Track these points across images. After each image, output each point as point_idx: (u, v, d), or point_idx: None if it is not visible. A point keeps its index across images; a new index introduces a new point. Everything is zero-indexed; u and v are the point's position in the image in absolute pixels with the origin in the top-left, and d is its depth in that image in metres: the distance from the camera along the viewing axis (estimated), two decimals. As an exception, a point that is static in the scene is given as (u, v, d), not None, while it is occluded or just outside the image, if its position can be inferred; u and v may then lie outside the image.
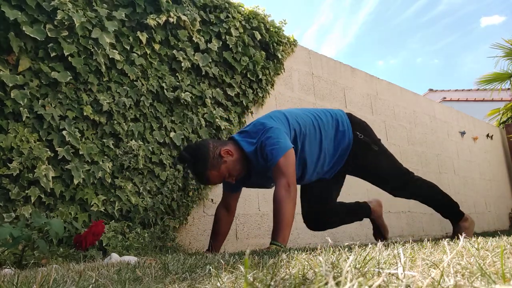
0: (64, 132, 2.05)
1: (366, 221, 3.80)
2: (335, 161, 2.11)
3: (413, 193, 2.29)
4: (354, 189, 3.80)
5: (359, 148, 2.11)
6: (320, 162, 2.06)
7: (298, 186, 2.14)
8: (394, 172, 2.23)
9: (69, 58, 2.10)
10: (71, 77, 2.11)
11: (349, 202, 2.41)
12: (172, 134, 2.51)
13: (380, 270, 0.55)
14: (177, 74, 2.64)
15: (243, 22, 3.07)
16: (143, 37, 2.44)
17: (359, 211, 2.41)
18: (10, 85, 1.91)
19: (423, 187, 2.28)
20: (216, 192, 2.73)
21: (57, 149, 2.02)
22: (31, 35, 1.97)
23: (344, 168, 2.17)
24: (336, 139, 2.08)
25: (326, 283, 0.44)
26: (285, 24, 3.41)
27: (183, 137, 2.55)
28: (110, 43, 2.28)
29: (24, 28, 1.95)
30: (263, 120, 1.97)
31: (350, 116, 2.19)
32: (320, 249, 1.06)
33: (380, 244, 0.98)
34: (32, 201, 1.89)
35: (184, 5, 2.68)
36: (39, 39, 2.00)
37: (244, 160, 1.92)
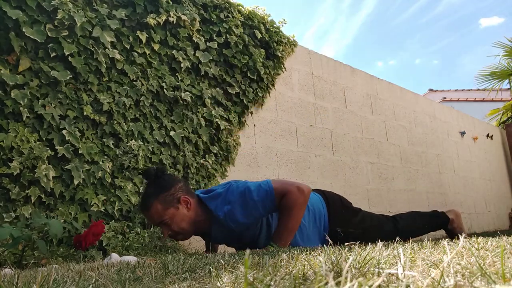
0: (64, 132, 2.05)
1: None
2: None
3: (403, 234, 2.29)
4: (354, 189, 3.81)
5: (343, 240, 1.96)
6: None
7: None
8: (385, 237, 2.16)
9: (69, 58, 2.11)
10: (71, 76, 2.12)
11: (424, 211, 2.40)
12: (172, 133, 2.51)
13: (380, 270, 0.55)
14: (177, 74, 2.64)
15: (243, 21, 3.07)
16: (143, 36, 2.44)
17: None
18: (11, 84, 1.91)
19: (411, 228, 2.24)
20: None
21: (57, 147, 2.02)
22: (31, 37, 1.98)
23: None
24: (317, 234, 1.96)
25: (326, 283, 0.44)
26: (284, 23, 3.41)
27: (183, 136, 2.55)
28: (110, 41, 2.28)
29: (24, 30, 1.95)
30: (231, 181, 1.83)
31: (328, 206, 2.01)
32: (320, 249, 1.06)
33: (380, 244, 0.98)
34: (32, 201, 1.89)
35: (184, 4, 2.68)
36: (39, 40, 2.00)
37: (195, 221, 1.77)
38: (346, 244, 1.11)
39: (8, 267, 1.35)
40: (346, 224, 2.01)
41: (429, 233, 2.40)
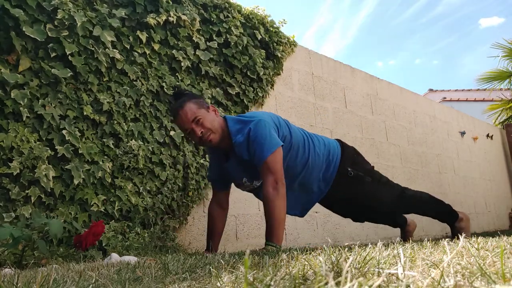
0: (64, 132, 2.05)
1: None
2: (319, 189, 2.10)
3: (410, 210, 2.32)
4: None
5: (351, 183, 2.08)
6: (296, 182, 2.03)
7: None
8: (390, 198, 2.21)
9: (70, 57, 2.11)
10: (71, 75, 2.11)
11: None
12: (172, 133, 2.51)
13: (380, 270, 0.55)
14: (177, 74, 2.64)
15: (243, 22, 3.07)
16: (143, 36, 2.44)
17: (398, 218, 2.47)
18: (12, 82, 1.91)
19: (417, 202, 2.29)
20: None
21: (57, 147, 2.02)
22: (32, 36, 1.98)
23: (335, 197, 2.15)
24: (327, 171, 2.06)
25: (326, 283, 0.44)
26: (284, 23, 3.41)
27: (183, 135, 2.55)
28: (110, 41, 2.28)
29: (24, 29, 1.95)
30: (258, 112, 1.96)
31: (342, 148, 2.15)
32: (320, 249, 1.06)
33: (380, 244, 0.98)
34: (32, 201, 1.89)
35: (184, 4, 2.68)
36: (39, 39, 2.00)
37: (222, 134, 1.85)
38: (346, 244, 1.11)
39: (8, 267, 1.35)
40: (357, 167, 2.13)
41: (431, 233, 2.40)
